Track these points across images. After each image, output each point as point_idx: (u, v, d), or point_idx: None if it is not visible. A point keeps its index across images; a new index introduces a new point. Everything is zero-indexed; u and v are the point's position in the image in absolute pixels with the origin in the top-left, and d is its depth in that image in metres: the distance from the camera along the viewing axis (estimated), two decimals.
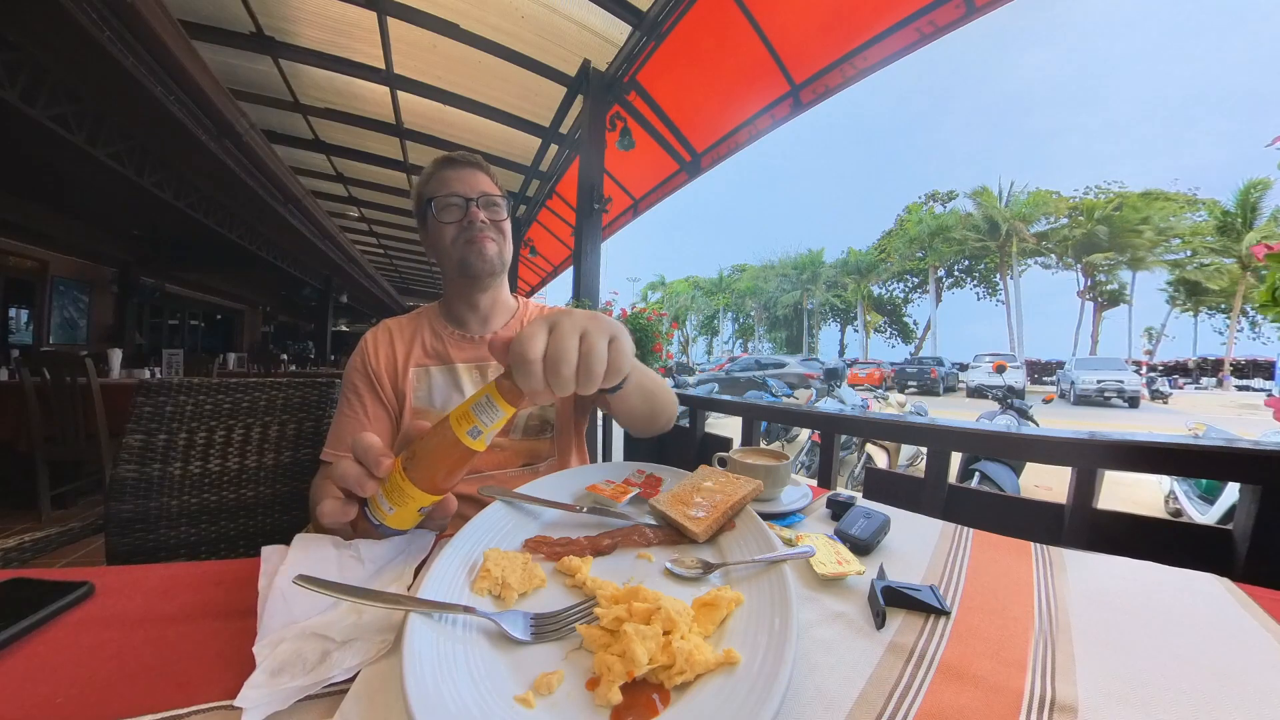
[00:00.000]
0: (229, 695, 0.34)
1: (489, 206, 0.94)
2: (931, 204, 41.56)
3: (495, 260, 0.94)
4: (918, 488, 1.05)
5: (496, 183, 0.98)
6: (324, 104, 4.57)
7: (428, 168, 0.96)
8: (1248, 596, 0.50)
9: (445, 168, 0.94)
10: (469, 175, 0.94)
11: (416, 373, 0.94)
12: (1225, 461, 0.75)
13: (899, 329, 49.35)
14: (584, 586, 0.48)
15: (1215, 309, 32.80)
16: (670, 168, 4.11)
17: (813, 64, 2.82)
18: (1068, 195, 33.29)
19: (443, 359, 0.96)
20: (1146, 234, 29.75)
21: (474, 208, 0.91)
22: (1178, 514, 3.58)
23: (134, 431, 1.00)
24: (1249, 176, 24.91)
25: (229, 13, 3.41)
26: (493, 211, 0.94)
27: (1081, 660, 0.40)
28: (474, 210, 0.91)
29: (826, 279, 44.85)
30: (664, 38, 3.00)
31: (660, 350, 3.21)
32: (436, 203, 0.92)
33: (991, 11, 2.11)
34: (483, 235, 0.92)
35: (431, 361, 0.96)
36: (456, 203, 0.91)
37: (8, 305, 6.95)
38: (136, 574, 0.51)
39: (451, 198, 0.91)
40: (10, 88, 2.58)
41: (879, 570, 0.52)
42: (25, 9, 2.21)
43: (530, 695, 0.34)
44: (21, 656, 0.39)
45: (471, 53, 3.47)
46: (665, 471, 0.77)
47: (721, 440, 1.60)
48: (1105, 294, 36.92)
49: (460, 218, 0.91)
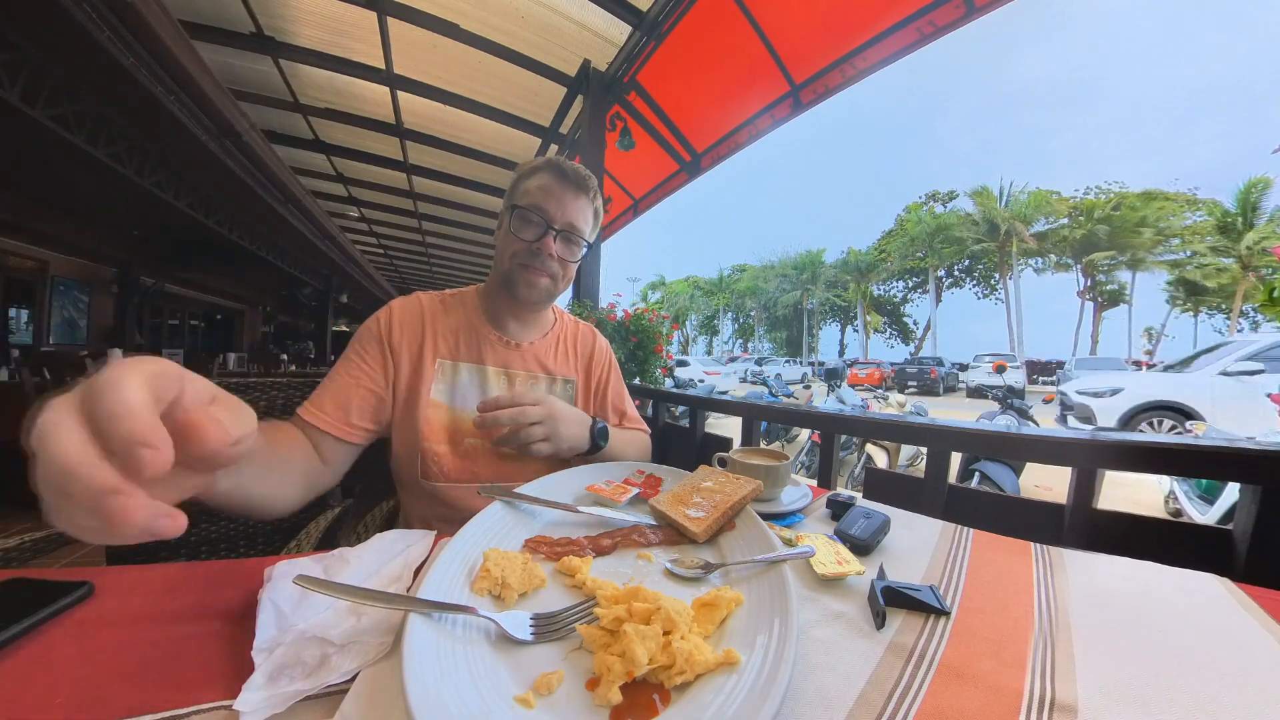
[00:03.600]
0: (229, 696, 0.34)
1: (567, 243, 0.88)
2: (931, 204, 41.59)
3: (543, 296, 0.90)
4: (918, 488, 1.05)
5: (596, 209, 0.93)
6: (324, 104, 4.57)
7: (536, 163, 0.89)
8: (1248, 596, 0.50)
9: (550, 175, 0.87)
10: (570, 198, 0.87)
11: (443, 365, 0.88)
12: (1225, 461, 0.74)
13: (899, 329, 49.37)
14: (584, 586, 0.48)
15: (1215, 309, 32.78)
16: (670, 168, 4.11)
17: (813, 64, 2.82)
18: (1067, 195, 33.33)
19: (476, 358, 0.91)
20: (1146, 234, 29.74)
21: (549, 238, 0.85)
22: (1178, 514, 3.57)
23: None
24: (1249, 175, 24.90)
25: (229, 13, 3.41)
26: (568, 250, 0.89)
27: (1081, 660, 0.40)
28: (548, 241, 0.85)
29: (826, 279, 44.84)
30: (664, 38, 2.99)
31: (661, 351, 3.22)
32: (519, 213, 0.86)
33: (991, 11, 2.11)
34: (541, 270, 0.87)
35: (463, 357, 0.90)
36: (537, 222, 0.85)
37: (8, 305, 6.95)
38: (136, 574, 0.51)
39: (534, 214, 0.85)
40: (10, 88, 2.58)
41: (879, 570, 0.52)
42: (25, 9, 2.21)
43: (530, 695, 0.34)
44: (21, 656, 0.38)
45: (471, 53, 3.47)
46: (665, 471, 0.77)
47: (721, 440, 1.60)
48: (1105, 294, 36.93)
49: (533, 240, 0.85)
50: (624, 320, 3.13)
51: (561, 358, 1.00)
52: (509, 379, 0.93)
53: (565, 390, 1.00)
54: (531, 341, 0.97)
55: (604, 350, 1.09)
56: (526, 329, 0.98)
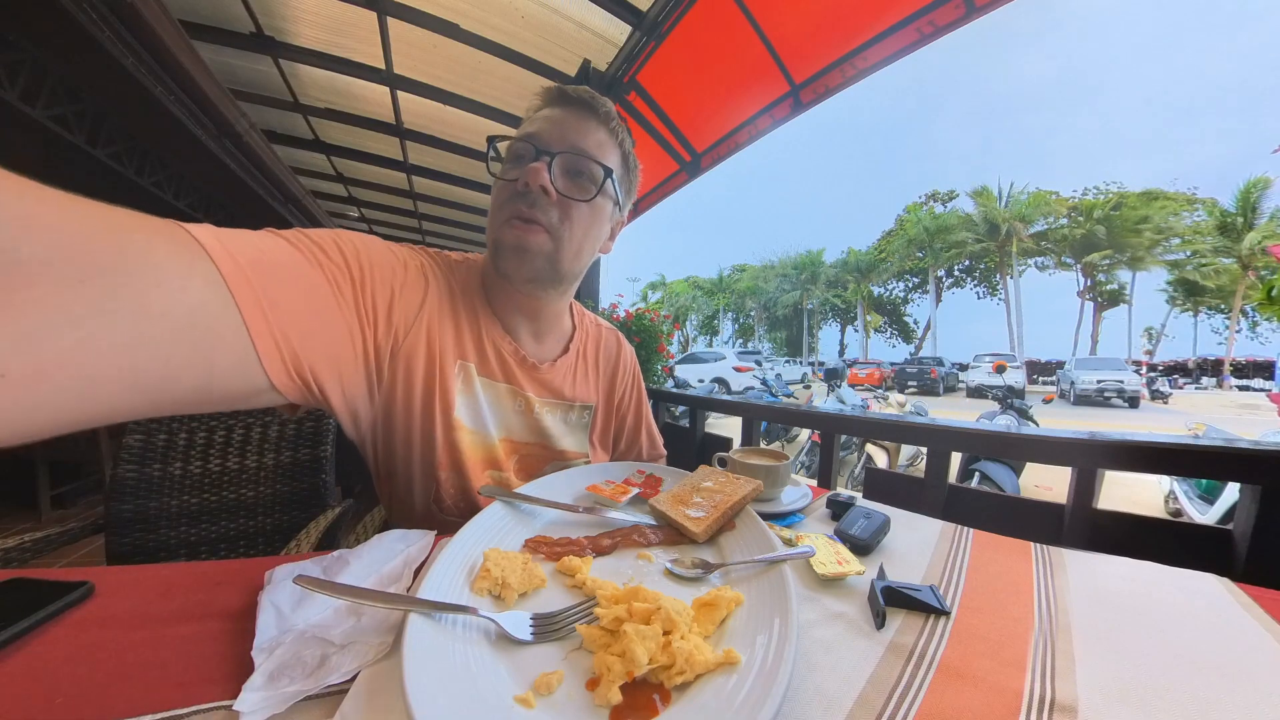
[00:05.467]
0: (229, 696, 0.34)
1: (569, 174, 0.63)
2: (931, 204, 41.58)
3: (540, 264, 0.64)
4: (918, 488, 1.05)
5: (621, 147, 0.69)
6: (324, 104, 4.57)
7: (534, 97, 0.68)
8: (1248, 597, 0.50)
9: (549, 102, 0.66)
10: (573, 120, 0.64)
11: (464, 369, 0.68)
12: (1225, 461, 0.75)
13: (899, 329, 49.36)
14: (584, 586, 0.48)
15: (1215, 309, 32.80)
16: (670, 168, 4.11)
17: (813, 64, 2.82)
18: (1067, 195, 33.32)
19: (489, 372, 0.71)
20: (1146, 234, 29.75)
21: (540, 166, 0.60)
22: (1178, 514, 3.57)
23: (134, 431, 1.00)
24: (1249, 175, 24.91)
25: (229, 13, 3.42)
26: (571, 184, 0.63)
27: (1081, 660, 0.40)
28: (539, 168, 0.59)
29: (826, 279, 44.82)
30: (664, 38, 3.00)
31: (663, 350, 3.23)
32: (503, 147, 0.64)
33: (991, 11, 2.11)
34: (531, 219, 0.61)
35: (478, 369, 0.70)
36: (525, 151, 0.62)
37: None
38: (136, 574, 0.51)
39: (522, 144, 0.62)
40: (10, 88, 2.58)
41: (879, 570, 0.52)
42: (25, 9, 2.21)
43: (530, 695, 0.34)
44: (21, 656, 0.38)
45: (472, 53, 3.47)
46: (665, 471, 0.77)
47: (721, 440, 1.60)
48: (1105, 294, 36.93)
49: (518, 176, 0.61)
50: (626, 320, 3.14)
51: (581, 378, 0.83)
52: (524, 403, 0.75)
53: (580, 418, 0.83)
54: (553, 362, 0.78)
55: (629, 364, 0.91)
56: (542, 339, 0.77)
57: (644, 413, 0.96)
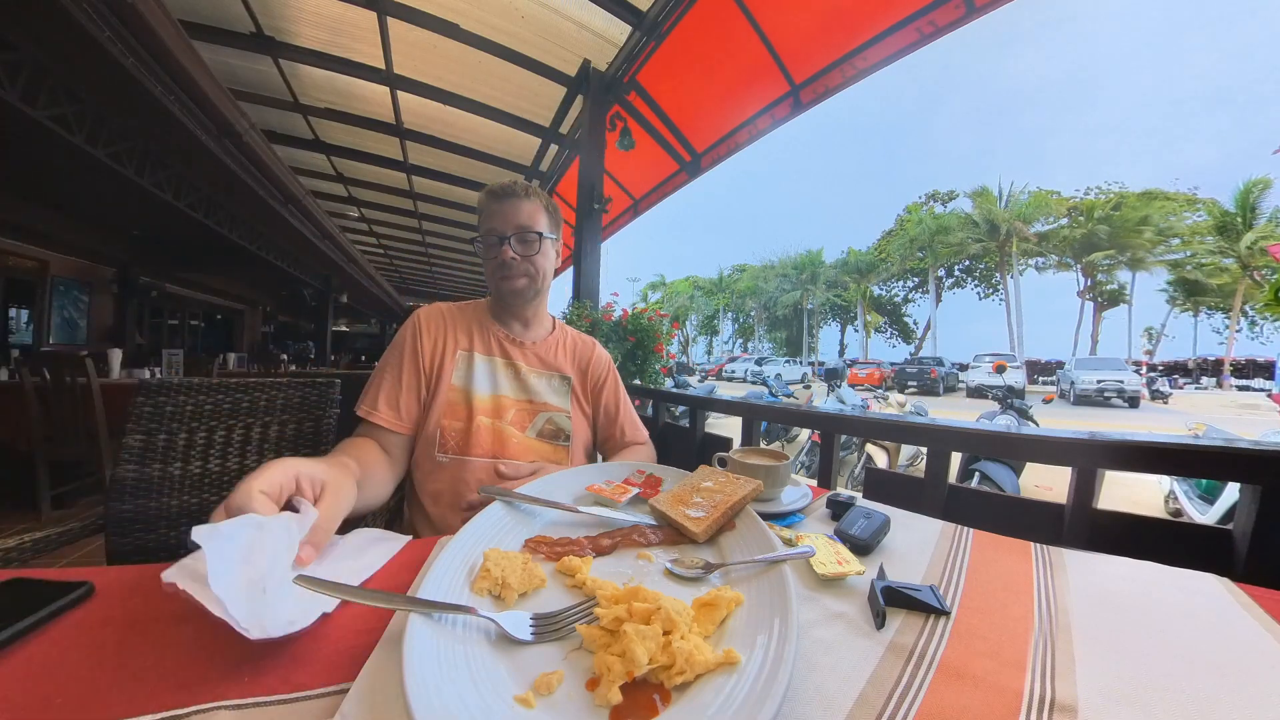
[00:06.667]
0: (229, 696, 0.34)
1: (523, 242, 1.01)
2: (932, 204, 41.56)
3: (526, 292, 1.05)
4: (918, 488, 1.05)
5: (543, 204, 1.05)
6: (324, 104, 4.57)
7: (480, 197, 1.04)
8: (1248, 597, 0.50)
9: (489, 200, 1.02)
10: (509, 209, 1.00)
11: (462, 356, 1.04)
12: (1225, 461, 0.74)
13: (899, 329, 49.34)
14: (584, 586, 0.48)
15: (1215, 309, 32.78)
16: (670, 168, 4.11)
17: (813, 64, 2.82)
18: (1067, 195, 33.30)
19: (486, 350, 1.07)
20: (1146, 234, 29.73)
21: (506, 247, 0.99)
22: (1178, 514, 3.57)
23: (134, 431, 1.00)
24: (1249, 175, 24.90)
25: (229, 13, 3.41)
26: (526, 247, 1.02)
27: (1081, 660, 0.40)
28: (505, 250, 0.99)
29: (826, 279, 44.77)
30: (664, 38, 2.99)
31: (661, 350, 3.21)
32: (480, 243, 1.04)
33: (991, 11, 2.11)
34: (514, 274, 1.02)
35: (477, 349, 1.06)
36: (493, 241, 1.00)
37: (8, 305, 6.94)
38: (136, 574, 0.51)
39: (490, 235, 1.01)
40: (10, 88, 2.58)
41: (879, 570, 0.52)
42: (25, 9, 2.21)
43: (530, 695, 0.34)
44: (21, 656, 0.39)
45: (471, 53, 3.47)
46: (665, 471, 0.77)
47: (721, 440, 1.60)
48: (1105, 294, 36.91)
49: (496, 255, 1.00)
50: (622, 320, 3.12)
51: (559, 355, 1.15)
52: (514, 370, 1.07)
53: (561, 385, 1.12)
54: (535, 340, 1.12)
55: (602, 359, 1.21)
56: (529, 329, 1.13)
57: (621, 400, 1.19)
